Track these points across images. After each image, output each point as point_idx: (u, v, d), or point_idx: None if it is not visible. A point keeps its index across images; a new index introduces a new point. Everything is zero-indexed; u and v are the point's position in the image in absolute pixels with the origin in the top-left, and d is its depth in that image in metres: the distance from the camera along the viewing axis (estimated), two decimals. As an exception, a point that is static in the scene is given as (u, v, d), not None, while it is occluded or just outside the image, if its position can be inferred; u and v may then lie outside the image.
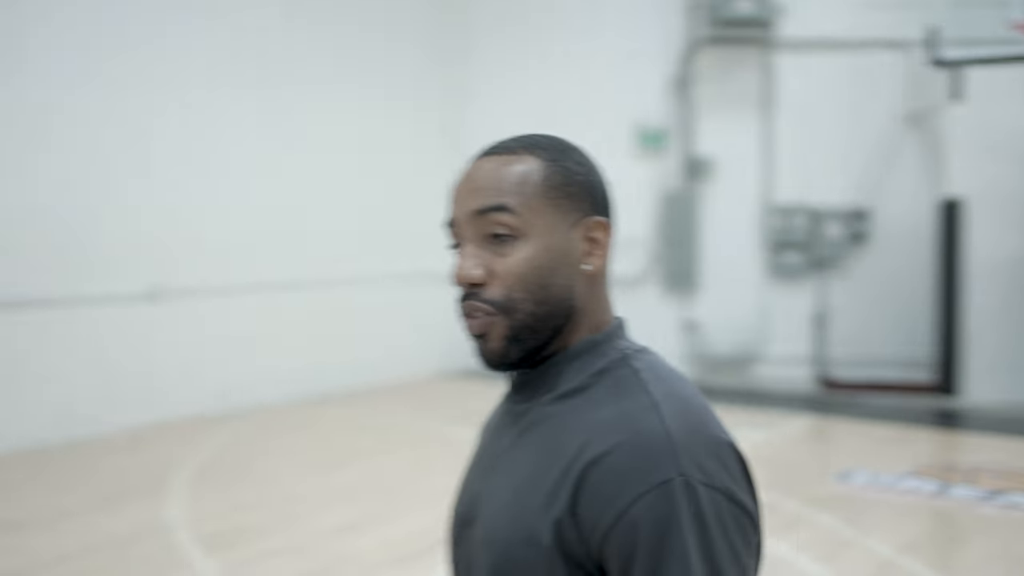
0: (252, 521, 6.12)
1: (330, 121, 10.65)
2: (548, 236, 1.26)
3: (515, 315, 1.26)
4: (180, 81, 9.20)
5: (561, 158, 1.30)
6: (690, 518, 1.13)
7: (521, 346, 1.27)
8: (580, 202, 1.29)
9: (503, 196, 1.27)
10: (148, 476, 7.21)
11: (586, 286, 1.30)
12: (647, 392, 1.22)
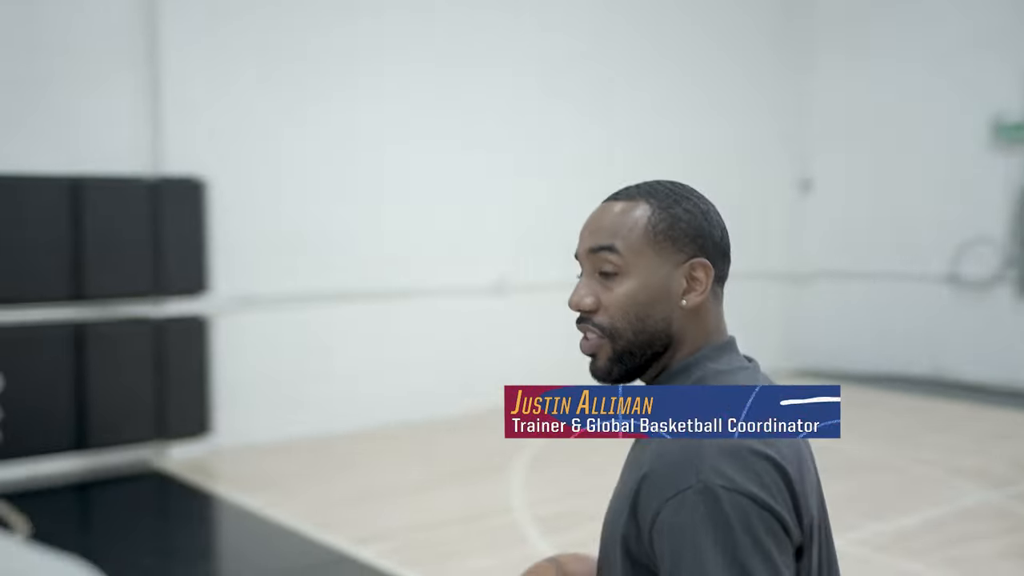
0: (584, 506, 6.51)
1: (659, 125, 10.88)
2: (648, 275, 1.46)
3: (618, 341, 1.48)
4: (499, 81, 9.78)
5: (671, 206, 1.49)
6: (707, 519, 1.27)
7: (623, 367, 1.50)
8: (684, 246, 1.47)
9: (612, 238, 1.49)
10: (490, 458, 7.81)
11: (686, 318, 1.48)
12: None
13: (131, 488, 7.29)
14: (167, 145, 7.78)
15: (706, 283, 1.48)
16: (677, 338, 1.49)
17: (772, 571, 1.28)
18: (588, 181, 10.24)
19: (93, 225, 7.37)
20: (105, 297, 7.53)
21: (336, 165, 8.67)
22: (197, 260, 7.84)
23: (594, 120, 10.35)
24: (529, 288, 9.85)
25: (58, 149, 7.39)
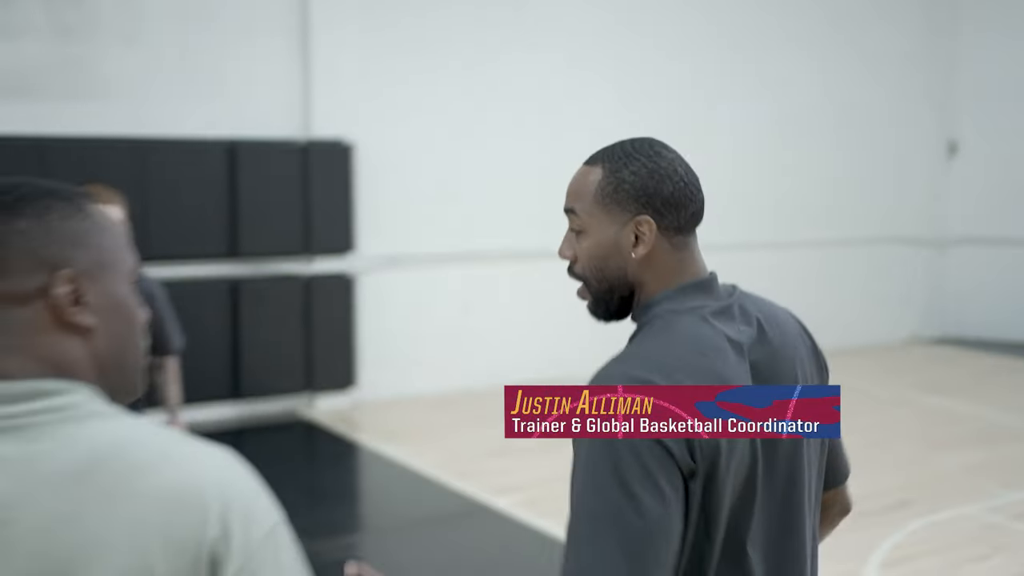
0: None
1: (803, 87, 10.74)
2: (600, 233, 1.66)
3: (590, 287, 1.70)
4: (639, 45, 9.81)
5: (620, 169, 1.65)
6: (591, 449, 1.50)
7: (602, 309, 1.72)
8: (629, 205, 1.64)
9: (573, 201, 1.70)
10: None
11: (640, 267, 1.65)
12: (629, 349, 1.63)
13: (281, 436, 7.72)
14: (316, 110, 8.14)
15: (650, 237, 1.64)
16: (637, 283, 1.67)
17: (641, 485, 1.43)
18: (728, 144, 10.24)
19: (247, 187, 7.78)
20: (258, 255, 7.95)
21: (477, 128, 8.90)
22: (344, 220, 8.20)
23: (731, 82, 10.30)
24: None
25: (216, 114, 7.82)
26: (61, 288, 1.12)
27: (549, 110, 9.22)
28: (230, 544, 1.05)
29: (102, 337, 1.15)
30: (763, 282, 10.41)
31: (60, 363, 1.12)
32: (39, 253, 1.11)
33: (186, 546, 1.03)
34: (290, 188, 7.97)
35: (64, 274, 1.12)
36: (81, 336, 1.14)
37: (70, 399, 1.09)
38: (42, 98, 7.25)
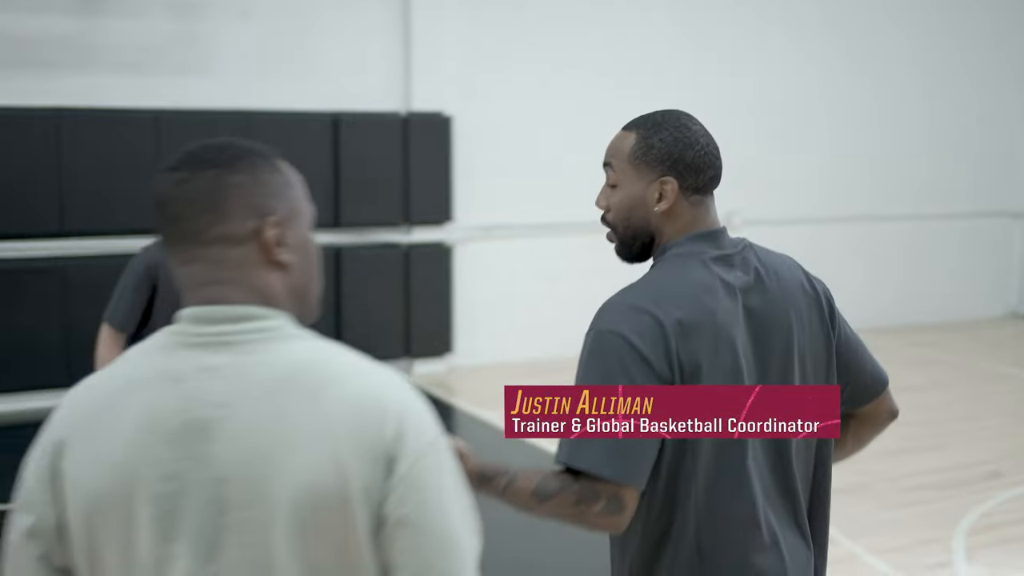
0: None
1: (899, 59, 10.64)
2: (630, 188, 1.97)
3: (617, 233, 2.01)
4: (729, 19, 9.82)
5: (650, 136, 1.97)
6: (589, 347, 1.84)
7: (625, 252, 2.01)
8: (656, 167, 1.94)
9: (611, 159, 2.02)
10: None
11: (661, 219, 1.95)
12: (640, 281, 1.93)
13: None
14: (416, 83, 8.37)
15: (672, 194, 1.94)
16: (657, 232, 1.97)
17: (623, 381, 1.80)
18: (823, 118, 10.22)
19: (349, 158, 8.06)
20: (359, 225, 8.24)
21: (570, 101, 9.04)
22: (441, 191, 8.43)
23: (826, 56, 10.26)
24: (750, 223, 9.97)
25: (320, 88, 8.10)
26: (269, 231, 1.35)
27: (640, 84, 9.31)
28: (403, 446, 1.26)
29: (295, 272, 1.39)
30: (858, 256, 10.46)
31: (265, 293, 1.35)
32: (251, 202, 1.34)
33: (369, 444, 1.25)
34: (390, 160, 8.22)
35: (271, 220, 1.35)
36: (281, 271, 1.37)
37: (274, 323, 1.33)
38: (159, 73, 7.61)
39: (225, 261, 1.33)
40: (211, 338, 1.30)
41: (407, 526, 1.25)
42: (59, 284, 7.21)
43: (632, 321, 1.82)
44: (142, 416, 1.28)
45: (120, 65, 7.51)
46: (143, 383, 1.30)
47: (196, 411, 1.27)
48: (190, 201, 1.33)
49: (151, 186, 1.39)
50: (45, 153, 7.16)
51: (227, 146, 1.37)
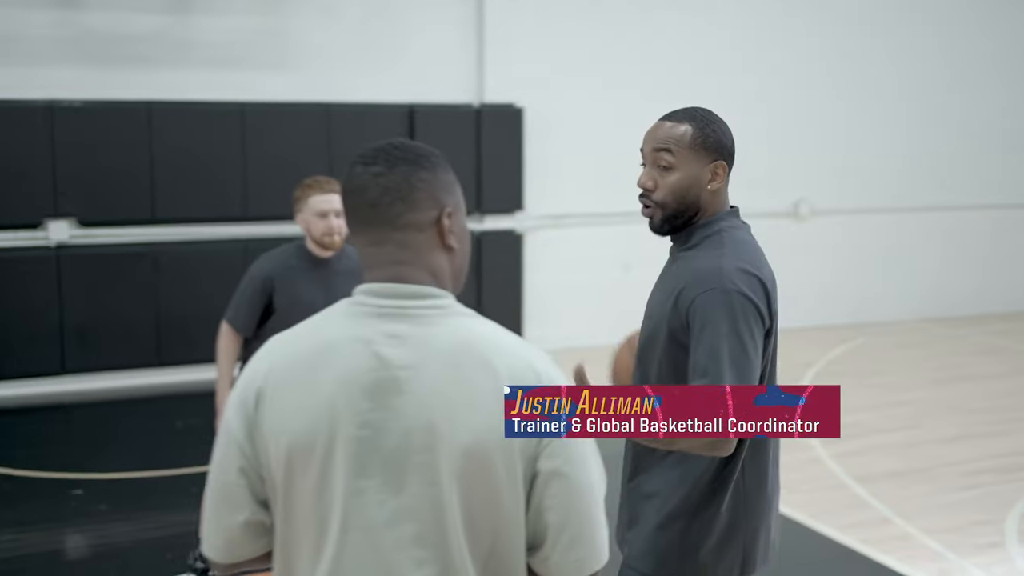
0: (863, 420, 6.86)
1: (979, 43, 10.60)
2: (688, 170, 2.30)
3: (666, 209, 2.33)
4: (806, 9, 9.89)
5: (704, 127, 2.31)
6: (722, 305, 2.19)
7: (668, 225, 2.36)
8: (710, 152, 2.31)
9: (668, 144, 2.31)
10: (785, 371, 8.23)
11: (708, 197, 2.33)
12: (722, 247, 2.28)
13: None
14: (489, 76, 8.63)
15: (723, 176, 2.34)
16: (702, 208, 2.35)
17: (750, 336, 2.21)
18: (894, 107, 10.26)
19: (425, 148, 8.34)
20: (433, 212, 8.53)
21: (639, 92, 9.22)
22: (513, 180, 8.68)
23: (898, 45, 10.28)
24: (817, 213, 10.07)
25: (397, 81, 8.40)
26: (446, 220, 1.61)
27: (710, 73, 9.46)
28: None
29: (458, 255, 1.66)
30: (931, 246, 10.47)
31: (437, 272, 1.62)
32: (433, 195, 1.61)
33: None
34: (463, 150, 8.49)
35: (448, 210, 1.62)
36: (449, 254, 1.64)
37: (446, 301, 1.60)
38: (244, 68, 7.97)
39: (411, 244, 1.60)
40: (395, 310, 1.56)
41: (558, 476, 1.54)
42: (151, 268, 7.61)
43: (747, 281, 2.23)
44: (341, 372, 1.53)
45: (208, 60, 7.88)
46: (338, 344, 1.55)
47: (387, 371, 1.53)
48: (388, 191, 1.58)
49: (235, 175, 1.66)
50: (139, 144, 7.56)
51: (413, 147, 1.63)
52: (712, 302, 2.20)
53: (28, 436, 6.78)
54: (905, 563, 4.61)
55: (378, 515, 1.52)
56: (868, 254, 10.35)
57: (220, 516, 1.62)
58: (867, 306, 10.39)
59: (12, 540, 4.96)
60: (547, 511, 1.54)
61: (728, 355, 2.18)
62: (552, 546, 1.55)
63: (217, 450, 1.62)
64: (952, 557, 4.70)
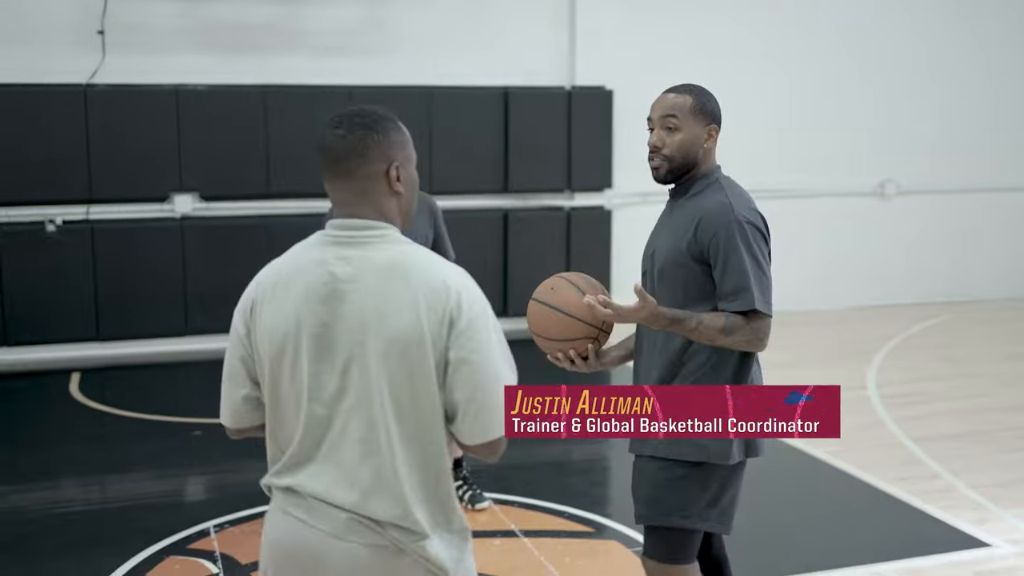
0: (928, 388, 7.16)
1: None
2: (689, 131, 2.88)
3: (672, 162, 2.90)
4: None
5: (701, 96, 2.93)
6: (740, 232, 2.78)
7: (671, 176, 2.93)
8: (706, 118, 2.91)
9: (674, 110, 2.90)
10: (853, 346, 8.55)
11: (704, 153, 2.92)
12: (724, 192, 2.86)
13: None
14: (580, 59, 9.08)
15: (715, 138, 2.95)
16: (699, 163, 2.93)
17: (763, 257, 2.83)
18: (979, 87, 10.37)
19: (517, 129, 8.85)
20: (526, 190, 9.03)
21: (722, 75, 9.56)
22: (602, 159, 9.12)
23: (985, 28, 10.37)
24: (903, 193, 10.26)
25: (492, 65, 8.91)
26: (393, 172, 2.09)
27: (792, 55, 9.75)
28: (460, 310, 2.01)
29: (404, 199, 2.14)
30: (985, 224, 10.54)
31: (385, 212, 2.10)
32: (384, 153, 2.08)
33: (437, 309, 2.01)
34: (555, 130, 8.96)
35: (395, 164, 2.10)
36: (397, 198, 2.12)
37: (388, 232, 2.08)
38: (351, 54, 8.58)
39: (365, 190, 2.09)
40: (346, 239, 2.06)
41: (463, 363, 2.00)
42: (264, 240, 8.28)
43: (752, 214, 2.84)
44: (304, 287, 2.05)
45: (318, 48, 8.51)
46: (304, 265, 2.07)
47: (335, 284, 2.03)
48: (348, 149, 2.07)
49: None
50: (255, 125, 8.23)
51: (371, 113, 2.12)
52: (730, 231, 2.76)
53: (156, 388, 7.54)
54: (945, 511, 4.95)
55: (329, 390, 2.03)
56: (956, 234, 10.50)
57: (228, 392, 2.18)
58: (955, 285, 10.54)
59: (147, 470, 5.68)
60: (456, 390, 2.01)
61: (753, 276, 2.76)
62: (463, 417, 2.03)
63: (228, 345, 2.17)
64: (992, 507, 5.02)
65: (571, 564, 4.36)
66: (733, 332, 2.74)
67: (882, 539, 4.65)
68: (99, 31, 7.95)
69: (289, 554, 2.08)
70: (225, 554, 4.41)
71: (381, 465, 2.01)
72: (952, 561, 4.41)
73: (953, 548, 4.55)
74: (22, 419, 6.84)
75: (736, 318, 2.75)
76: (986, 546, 4.57)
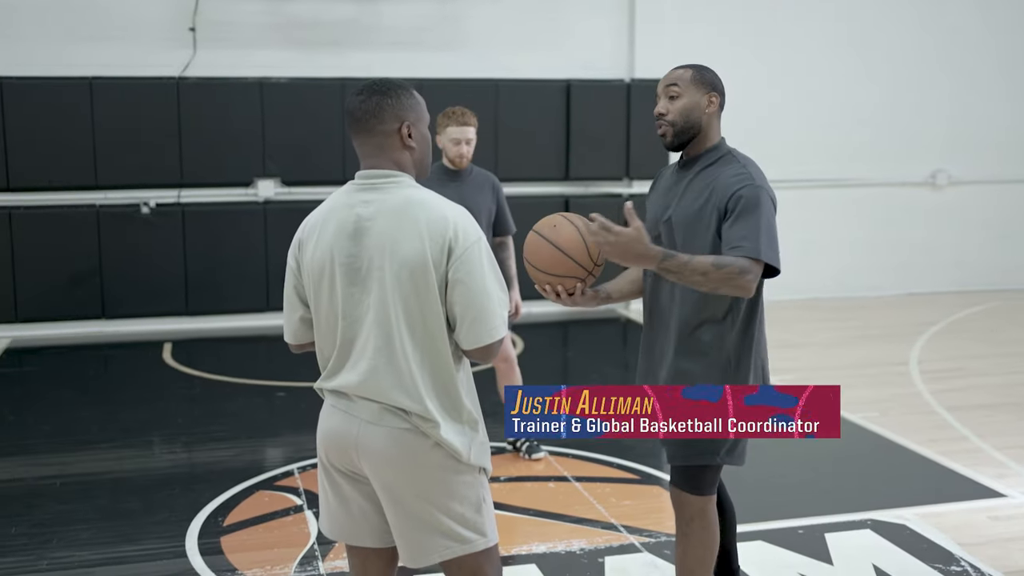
0: (968, 364, 7.51)
1: None
2: (690, 98, 3.13)
3: (676, 127, 3.13)
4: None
5: (702, 71, 3.19)
6: (757, 197, 3.00)
7: (677, 140, 3.15)
8: (706, 87, 3.16)
9: (676, 80, 3.16)
10: (899, 327, 8.89)
11: (707, 120, 3.15)
12: (740, 163, 3.10)
13: (603, 328, 9.28)
14: (639, 53, 9.53)
15: (717, 104, 3.20)
16: (703, 129, 3.17)
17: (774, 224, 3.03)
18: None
19: (579, 120, 9.33)
20: (586, 178, 9.50)
21: (777, 67, 9.95)
22: (659, 149, 9.51)
23: None
24: (955, 183, 10.53)
25: (555, 60, 9.40)
26: (405, 130, 2.55)
27: (847, 48, 10.09)
28: (457, 239, 2.48)
29: (417, 152, 2.60)
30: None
31: (400, 163, 2.57)
32: (397, 114, 2.54)
33: (438, 240, 2.48)
34: (615, 120, 9.42)
35: (407, 123, 2.56)
36: (409, 152, 2.58)
37: (401, 179, 2.55)
38: (422, 49, 9.13)
39: (382, 145, 2.55)
40: (369, 186, 2.54)
41: (459, 283, 2.47)
42: (341, 223, 8.86)
43: (768, 186, 3.08)
44: (336, 225, 2.53)
45: (392, 43, 9.08)
46: (337, 209, 2.56)
47: (360, 222, 2.51)
48: (365, 111, 2.54)
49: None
50: (332, 115, 8.81)
51: (385, 82, 2.59)
52: (751, 194, 2.97)
53: (241, 357, 8.15)
54: (968, 468, 5.32)
55: (359, 308, 2.53)
56: (1007, 223, 10.74)
57: (287, 315, 2.71)
58: (1007, 274, 10.78)
59: (237, 423, 6.27)
60: (454, 305, 2.48)
61: (764, 230, 2.95)
62: (460, 327, 2.50)
63: (285, 278, 2.69)
64: (1012, 465, 5.38)
65: (617, 503, 4.83)
66: (723, 267, 2.85)
67: (907, 490, 5.04)
68: (191, 28, 8.61)
69: (337, 438, 2.60)
70: (307, 489, 4.97)
71: (399, 366, 2.50)
72: (969, 508, 4.79)
73: (971, 498, 4.93)
74: (123, 382, 7.49)
75: (729, 256, 2.90)
76: (1003, 496, 4.94)
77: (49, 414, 6.40)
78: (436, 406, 2.52)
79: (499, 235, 5.38)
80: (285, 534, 4.48)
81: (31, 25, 8.43)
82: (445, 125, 5.07)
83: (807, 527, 4.52)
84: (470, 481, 2.58)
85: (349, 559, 2.77)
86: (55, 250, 8.49)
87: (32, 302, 8.51)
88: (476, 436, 2.59)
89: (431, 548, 2.57)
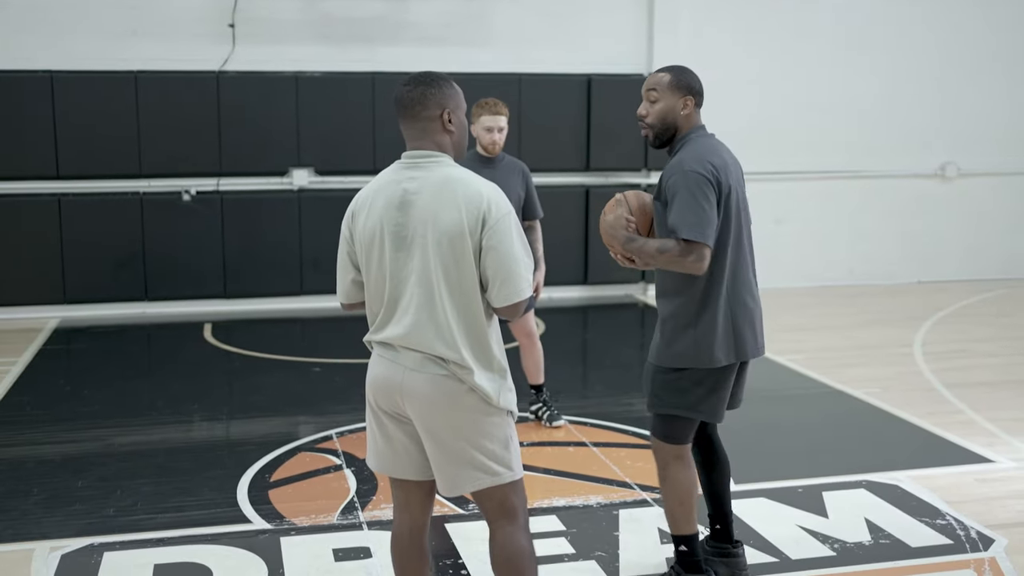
0: (971, 346, 7.86)
1: None
2: (667, 101, 3.50)
3: (655, 129, 3.54)
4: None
5: (679, 75, 3.51)
6: (685, 179, 3.38)
7: (657, 140, 3.57)
8: (682, 90, 3.50)
9: (655, 85, 3.52)
10: (915, 313, 9.24)
11: (683, 120, 3.52)
12: (686, 151, 3.46)
13: (621, 313, 9.65)
14: (656, 48, 9.89)
15: (692, 106, 3.54)
16: (680, 128, 3.55)
17: (704, 198, 3.37)
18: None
19: (599, 113, 9.71)
20: (606, 169, 9.88)
21: (795, 62, 10.29)
22: (676, 141, 9.90)
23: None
24: (964, 175, 10.84)
25: (576, 55, 9.79)
26: (445, 116, 2.93)
27: (868, 43, 10.42)
28: (490, 211, 2.86)
29: (456, 136, 2.98)
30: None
31: (440, 145, 2.95)
32: (439, 102, 2.92)
33: (474, 211, 2.85)
34: (633, 114, 9.69)
35: (447, 110, 2.94)
36: (449, 135, 2.96)
37: (442, 159, 2.94)
38: (449, 44, 9.53)
39: (426, 129, 2.93)
40: (413, 164, 2.92)
41: (491, 249, 2.84)
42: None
43: (699, 164, 3.39)
44: (385, 199, 2.91)
45: (420, 39, 9.48)
46: (386, 183, 2.94)
47: (406, 196, 2.88)
48: (412, 99, 2.92)
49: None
50: (364, 107, 9.22)
51: (430, 74, 2.98)
52: (676, 180, 3.38)
53: (278, 337, 8.58)
54: (961, 438, 5.68)
55: (404, 271, 2.90)
56: (1013, 214, 11.04)
57: (341, 277, 3.08)
58: (1012, 264, 11.09)
59: (277, 394, 6.70)
60: (487, 268, 2.85)
61: (688, 211, 3.32)
62: (491, 287, 2.87)
63: (339, 244, 3.05)
64: (1002, 435, 5.73)
65: (631, 466, 5.22)
66: (665, 252, 3.34)
67: (902, 455, 5.40)
68: (230, 24, 9.05)
69: (384, 384, 2.98)
70: (346, 452, 5.38)
71: (438, 321, 2.87)
72: (958, 471, 5.16)
73: (961, 463, 5.29)
74: (167, 358, 7.94)
75: (671, 242, 3.35)
76: (991, 462, 5.30)
77: (101, 386, 6.86)
78: (470, 355, 2.89)
79: (527, 219, 5.75)
80: (327, 488, 4.90)
81: (79, 22, 8.89)
82: (479, 114, 5.44)
83: (806, 486, 4.90)
84: (499, 422, 2.96)
85: (393, 491, 3.16)
86: (101, 236, 8.96)
87: (79, 284, 8.97)
88: (504, 383, 2.97)
89: (465, 480, 2.96)
